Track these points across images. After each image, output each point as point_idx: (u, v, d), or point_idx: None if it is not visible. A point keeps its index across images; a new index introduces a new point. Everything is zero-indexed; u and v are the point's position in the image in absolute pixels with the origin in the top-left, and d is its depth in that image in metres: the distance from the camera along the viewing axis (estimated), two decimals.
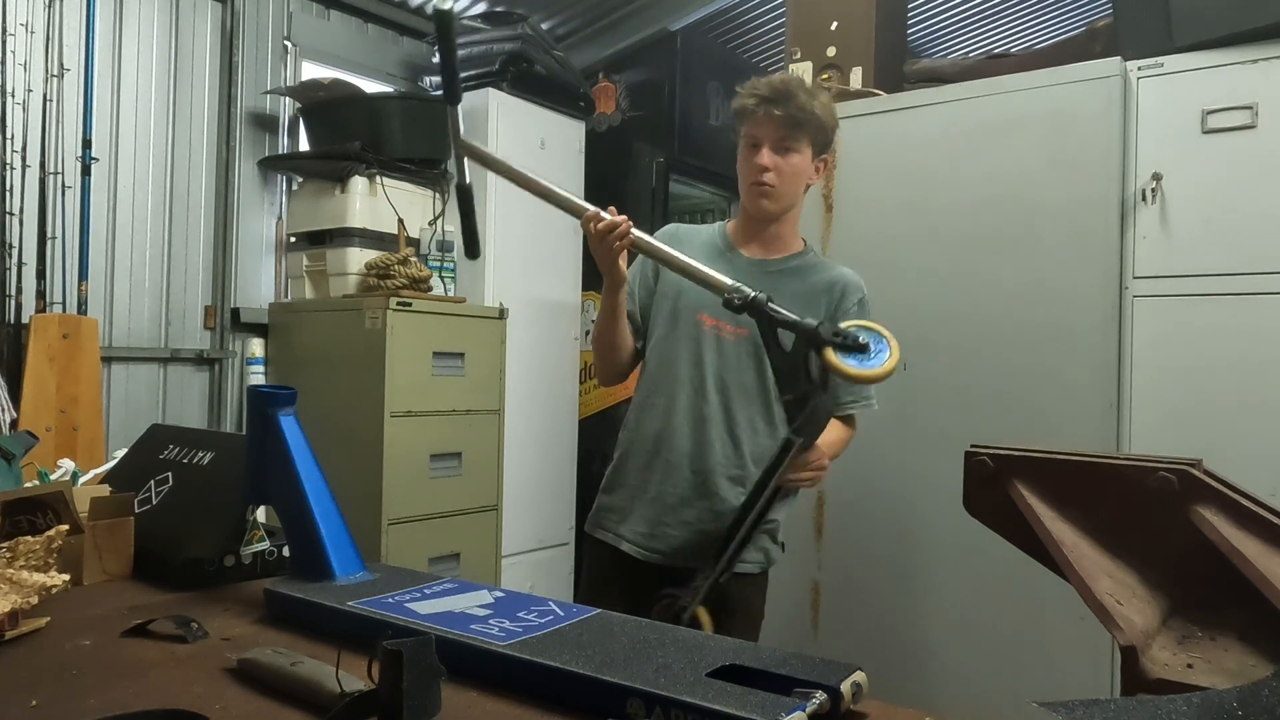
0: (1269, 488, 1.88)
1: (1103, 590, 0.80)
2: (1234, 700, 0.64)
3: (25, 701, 0.86)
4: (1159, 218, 2.28)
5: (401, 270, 2.94)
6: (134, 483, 1.49)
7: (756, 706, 0.77)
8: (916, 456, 2.53)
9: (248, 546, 1.34)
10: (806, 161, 1.72)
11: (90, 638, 1.05)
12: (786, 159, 1.69)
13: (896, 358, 1.38)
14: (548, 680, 0.87)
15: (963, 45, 4.28)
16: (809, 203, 2.75)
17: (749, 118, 1.71)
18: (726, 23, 4.04)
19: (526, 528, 3.36)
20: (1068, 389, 2.33)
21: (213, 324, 3.12)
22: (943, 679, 2.44)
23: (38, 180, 2.67)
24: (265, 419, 1.24)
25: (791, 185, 1.72)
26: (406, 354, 2.84)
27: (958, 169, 2.50)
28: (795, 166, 1.70)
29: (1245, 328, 2.17)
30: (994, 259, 2.45)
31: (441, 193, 3.36)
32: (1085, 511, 0.90)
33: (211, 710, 0.84)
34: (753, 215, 1.77)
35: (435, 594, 1.12)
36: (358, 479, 2.77)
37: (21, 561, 1.07)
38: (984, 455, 0.96)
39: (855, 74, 2.77)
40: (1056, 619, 2.21)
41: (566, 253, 3.60)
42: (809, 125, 1.68)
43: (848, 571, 2.63)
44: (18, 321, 2.62)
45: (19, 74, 2.63)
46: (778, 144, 1.68)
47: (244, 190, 3.19)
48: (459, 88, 1.60)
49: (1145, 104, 2.31)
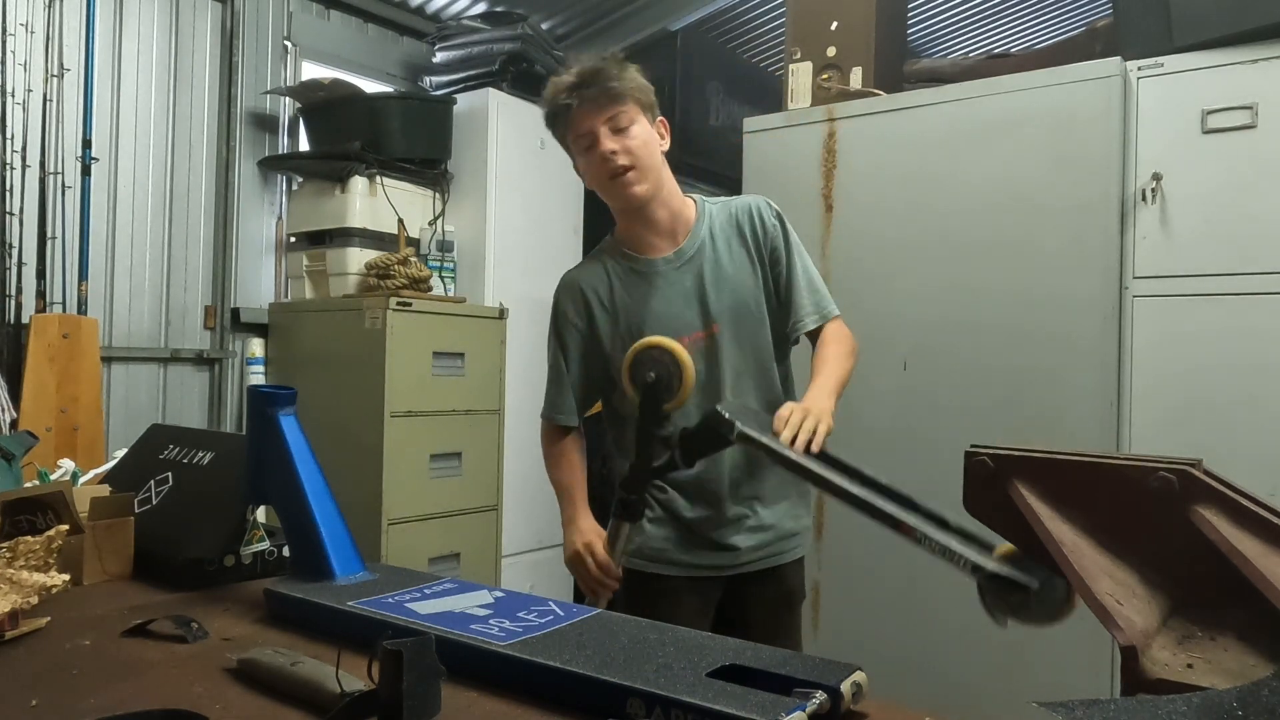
0: (1269, 488, 1.88)
1: (1103, 590, 0.80)
2: (1234, 700, 0.64)
3: (25, 701, 0.86)
4: (1159, 218, 2.28)
5: (401, 270, 2.94)
6: (134, 483, 1.49)
7: (756, 706, 0.77)
8: (916, 456, 2.53)
9: (248, 546, 1.34)
10: (647, 128, 1.58)
11: (90, 638, 1.05)
12: (628, 134, 1.55)
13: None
14: (548, 680, 0.88)
15: (963, 45, 4.28)
16: (809, 203, 2.76)
17: (568, 118, 1.57)
18: (726, 23, 4.03)
19: (526, 528, 3.36)
20: (1068, 389, 2.33)
21: (213, 324, 3.12)
22: (943, 678, 2.44)
23: (38, 180, 2.67)
24: (265, 419, 1.24)
25: (648, 156, 1.57)
26: (406, 354, 2.84)
27: (958, 169, 2.50)
28: (641, 136, 1.56)
29: (1245, 328, 2.17)
30: (994, 259, 2.45)
31: (441, 193, 3.36)
32: (1085, 511, 0.90)
33: (211, 710, 0.84)
34: (633, 210, 1.61)
35: (435, 594, 1.12)
36: (358, 479, 2.77)
37: (21, 561, 1.07)
38: (984, 455, 0.96)
39: (855, 74, 2.77)
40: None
41: (566, 253, 3.59)
42: (631, 93, 1.55)
43: (848, 571, 2.63)
44: (18, 321, 2.62)
45: (19, 74, 2.63)
46: (611, 126, 1.55)
47: (244, 190, 3.19)
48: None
49: (1145, 104, 2.31)
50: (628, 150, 1.55)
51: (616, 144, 1.54)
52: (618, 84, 1.54)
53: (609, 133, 1.55)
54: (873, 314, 2.65)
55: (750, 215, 1.64)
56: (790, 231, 1.65)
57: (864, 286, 2.67)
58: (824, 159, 2.74)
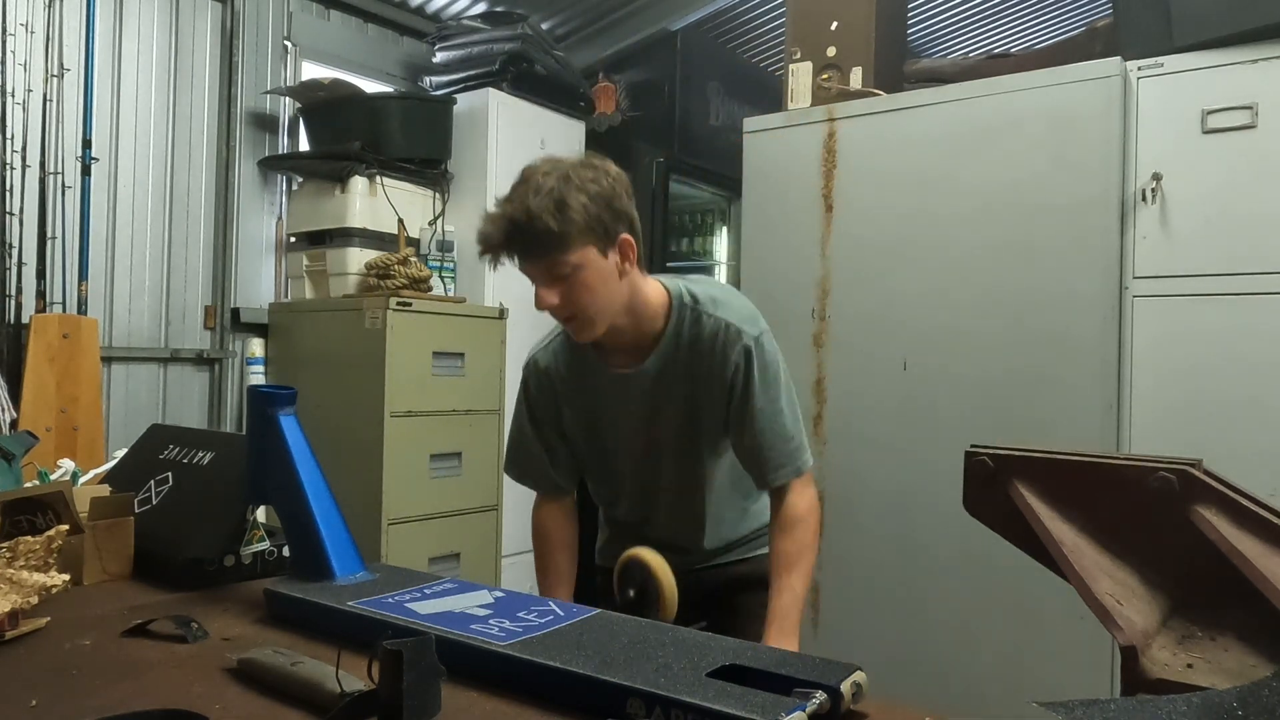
0: (1269, 488, 1.88)
1: (1103, 590, 0.80)
2: (1234, 700, 0.64)
3: (25, 701, 0.86)
4: (1159, 218, 2.28)
5: (401, 270, 2.94)
6: (134, 483, 1.49)
7: (756, 706, 0.77)
8: (916, 455, 2.53)
9: (248, 546, 1.34)
10: (595, 264, 1.36)
11: (90, 638, 1.05)
12: (568, 284, 1.36)
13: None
14: (548, 680, 0.87)
15: (963, 45, 4.28)
16: (809, 203, 2.76)
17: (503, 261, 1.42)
18: (726, 23, 4.04)
19: (526, 528, 3.31)
20: (1068, 389, 2.33)
21: (213, 324, 3.12)
22: (943, 679, 2.44)
23: (38, 180, 2.67)
24: (265, 419, 1.24)
25: (594, 301, 1.38)
26: (406, 354, 2.84)
27: (958, 169, 2.50)
28: (584, 283, 1.36)
29: (1245, 328, 2.17)
30: (993, 259, 2.45)
31: (441, 193, 3.36)
32: (1085, 511, 0.90)
33: (211, 710, 0.84)
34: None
35: (435, 594, 1.12)
36: (358, 479, 2.77)
37: (21, 561, 1.07)
38: (984, 455, 0.96)
39: (855, 74, 2.77)
40: (1056, 619, 2.21)
41: None
42: (567, 233, 1.32)
43: (848, 571, 2.63)
44: (18, 321, 2.62)
45: (19, 74, 2.63)
46: (548, 278, 1.37)
47: (244, 190, 3.19)
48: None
49: (1145, 104, 2.31)
50: (570, 301, 1.37)
51: (556, 295, 1.37)
52: (544, 233, 1.32)
53: (548, 282, 1.37)
54: (872, 314, 2.65)
55: (715, 347, 1.46)
56: (759, 370, 1.46)
57: (864, 286, 2.67)
58: (824, 159, 2.74)
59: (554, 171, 1.35)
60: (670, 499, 1.58)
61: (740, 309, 1.50)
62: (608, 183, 1.38)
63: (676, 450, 1.53)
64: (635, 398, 1.51)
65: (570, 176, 1.35)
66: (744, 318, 1.48)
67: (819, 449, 2.71)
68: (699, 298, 1.49)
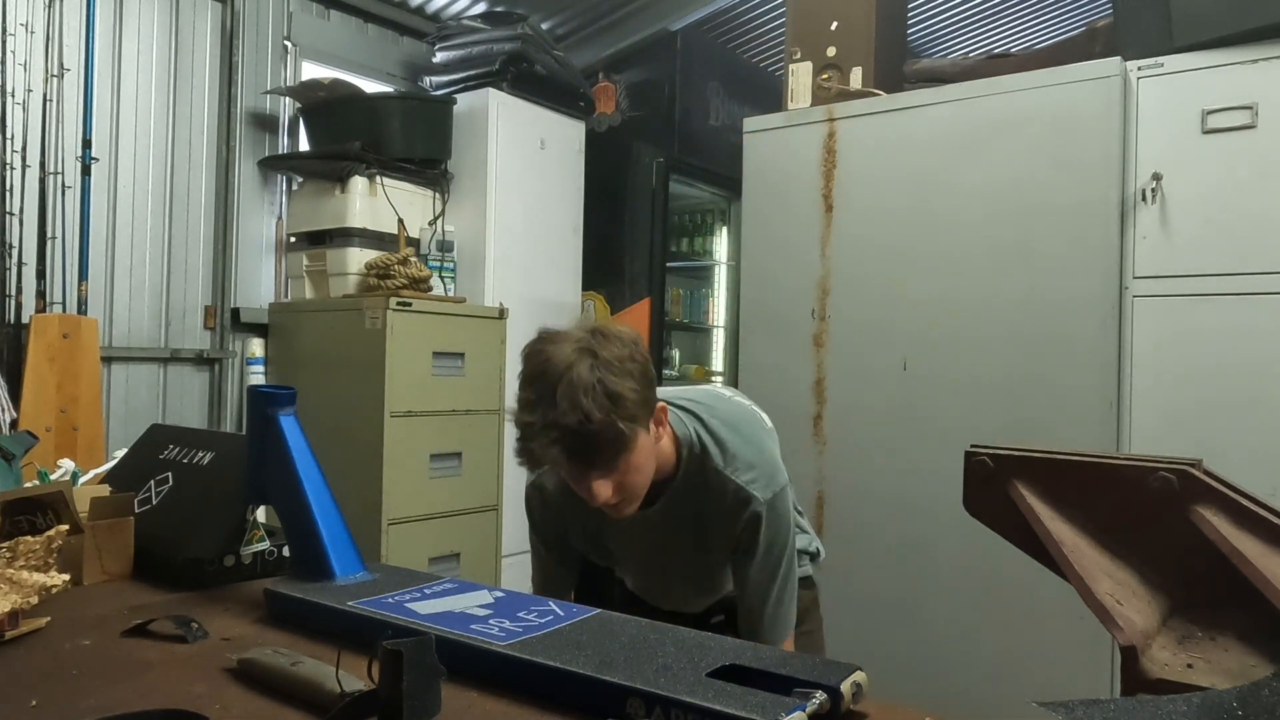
0: (1269, 488, 1.88)
1: (1103, 590, 0.80)
2: (1234, 700, 0.64)
3: (25, 701, 0.86)
4: (1159, 218, 2.28)
5: (401, 270, 2.94)
6: (134, 483, 1.49)
7: (756, 706, 0.77)
8: (916, 456, 2.53)
9: (248, 546, 1.34)
10: (644, 444, 1.26)
11: (90, 638, 1.05)
12: (618, 475, 1.25)
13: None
14: (548, 680, 0.87)
15: (963, 45, 4.29)
16: (809, 203, 2.77)
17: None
18: (726, 23, 4.04)
19: (526, 528, 3.35)
20: (1068, 389, 2.33)
21: (213, 324, 3.12)
22: (943, 679, 2.44)
23: (38, 180, 2.67)
24: (265, 419, 1.24)
25: (643, 480, 1.29)
26: (406, 354, 2.84)
27: (957, 169, 2.50)
28: (636, 466, 1.26)
29: (1245, 328, 2.17)
30: (993, 259, 2.45)
31: (441, 193, 3.36)
32: (1085, 511, 0.90)
33: (211, 710, 0.84)
34: None
35: (435, 594, 1.12)
36: (358, 479, 2.77)
37: (21, 561, 1.07)
38: (984, 455, 0.96)
39: (855, 74, 2.77)
40: (1056, 619, 2.21)
41: (566, 253, 3.60)
42: (633, 432, 1.21)
43: (848, 571, 2.63)
44: (18, 321, 2.62)
45: (19, 74, 2.63)
46: (604, 475, 1.24)
47: (244, 190, 3.19)
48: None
49: (1145, 104, 2.31)
50: (621, 489, 1.27)
51: (612, 489, 1.26)
52: (622, 432, 1.19)
53: (603, 477, 1.25)
54: (872, 314, 2.65)
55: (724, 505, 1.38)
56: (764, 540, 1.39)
57: (863, 286, 2.67)
58: (824, 159, 2.74)
59: (581, 359, 1.19)
60: (680, 584, 1.56)
61: (753, 461, 1.39)
62: (640, 353, 1.26)
63: (686, 561, 1.49)
64: (641, 534, 1.45)
65: (603, 359, 1.20)
66: (756, 475, 1.37)
67: (819, 449, 2.72)
68: (708, 448, 1.38)
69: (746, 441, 1.41)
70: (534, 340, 1.26)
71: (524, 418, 1.21)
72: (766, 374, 2.83)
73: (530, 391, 1.21)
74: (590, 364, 1.19)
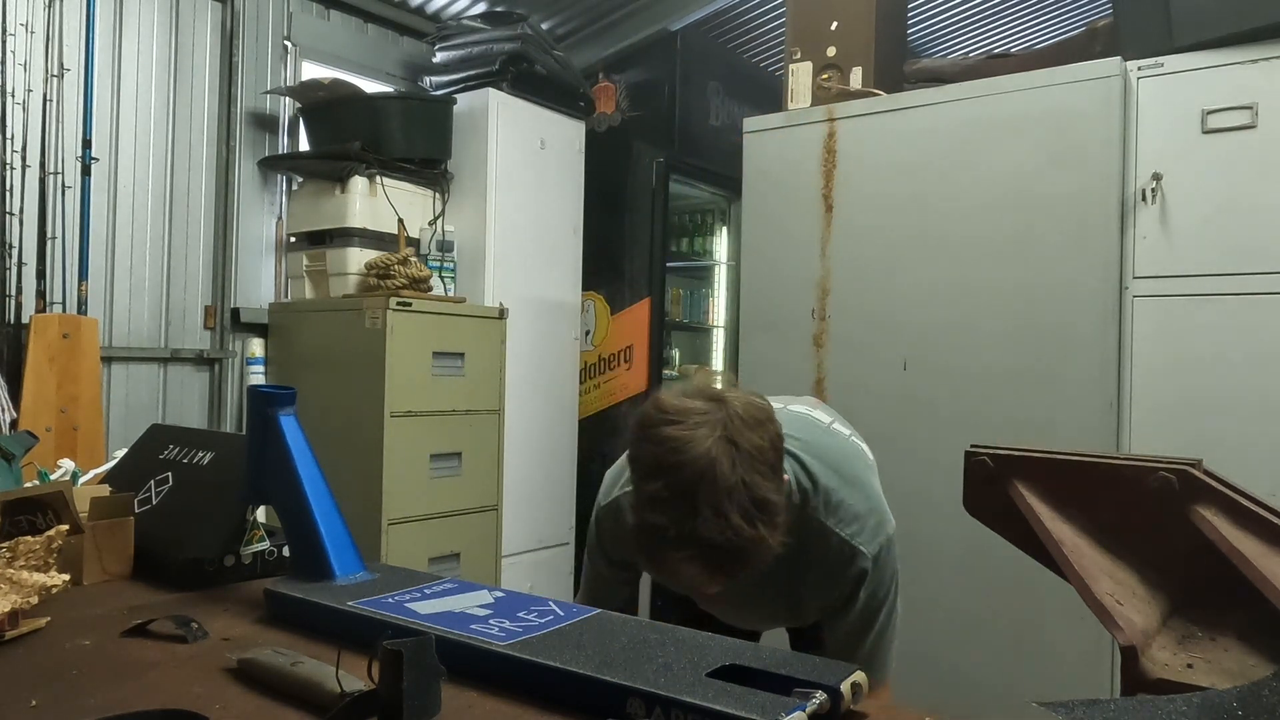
0: (1269, 488, 1.87)
1: (1103, 590, 0.80)
2: (1234, 700, 0.64)
3: (25, 701, 0.86)
4: (1159, 217, 2.28)
5: (401, 270, 2.94)
6: (134, 483, 1.49)
7: (756, 706, 0.77)
8: (916, 455, 2.53)
9: (248, 546, 1.34)
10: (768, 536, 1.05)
11: (90, 638, 1.05)
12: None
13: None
14: (548, 680, 0.87)
15: (963, 45, 4.28)
16: (809, 203, 2.77)
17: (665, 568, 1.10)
18: (726, 23, 4.04)
19: (526, 528, 3.36)
20: (1067, 389, 2.33)
21: (213, 324, 3.12)
22: (943, 679, 2.44)
23: (38, 180, 2.67)
24: (265, 419, 1.24)
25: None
26: (406, 354, 2.84)
27: (958, 169, 2.51)
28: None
29: (1245, 327, 2.17)
30: (994, 258, 2.45)
31: (441, 193, 3.36)
32: (1085, 511, 0.90)
33: (211, 710, 0.84)
34: None
35: (435, 594, 1.12)
36: (358, 479, 2.77)
37: (21, 561, 1.07)
38: (984, 455, 0.96)
39: (855, 74, 2.77)
40: (1056, 619, 2.21)
41: (566, 253, 3.60)
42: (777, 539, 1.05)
43: None
44: (18, 321, 2.62)
45: (19, 74, 2.63)
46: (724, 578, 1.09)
47: (244, 190, 3.19)
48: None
49: (1145, 104, 2.31)
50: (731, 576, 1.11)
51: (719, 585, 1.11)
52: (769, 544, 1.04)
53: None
54: (873, 313, 2.65)
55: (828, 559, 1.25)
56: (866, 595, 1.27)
57: (864, 286, 2.67)
58: (824, 159, 2.75)
59: (723, 454, 1.01)
60: (763, 621, 1.51)
61: (859, 511, 1.26)
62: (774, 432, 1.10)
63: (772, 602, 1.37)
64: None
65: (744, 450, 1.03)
66: (865, 526, 1.25)
67: None
68: (808, 495, 1.24)
69: (851, 486, 1.28)
70: (653, 412, 1.07)
71: (653, 518, 1.03)
72: (767, 374, 2.83)
73: (660, 486, 1.02)
74: (732, 460, 1.01)
